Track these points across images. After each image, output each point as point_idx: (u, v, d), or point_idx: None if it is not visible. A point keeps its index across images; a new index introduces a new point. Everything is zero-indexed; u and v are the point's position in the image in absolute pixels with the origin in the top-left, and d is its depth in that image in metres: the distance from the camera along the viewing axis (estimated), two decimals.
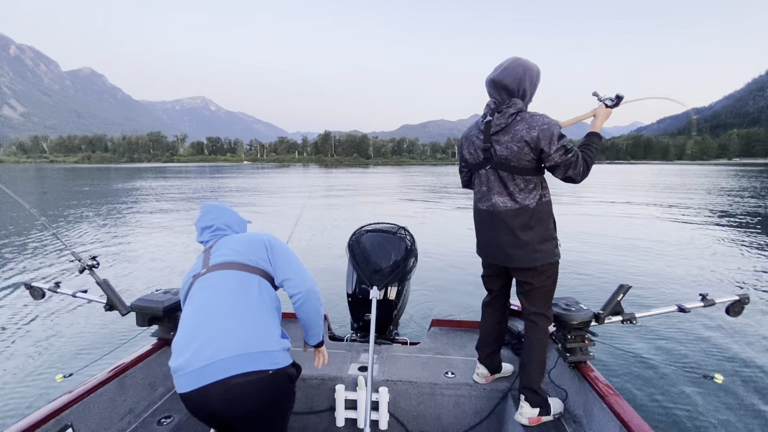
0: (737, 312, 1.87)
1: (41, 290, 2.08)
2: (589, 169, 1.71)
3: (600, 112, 1.80)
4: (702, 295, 1.85)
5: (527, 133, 1.65)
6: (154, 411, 1.91)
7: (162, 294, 2.13)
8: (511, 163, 1.72)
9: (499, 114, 1.73)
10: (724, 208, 14.60)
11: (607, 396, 1.59)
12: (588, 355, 1.85)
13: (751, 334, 4.06)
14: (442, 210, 14.78)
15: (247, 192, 22.37)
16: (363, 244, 2.54)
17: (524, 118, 1.68)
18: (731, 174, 45.57)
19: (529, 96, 1.76)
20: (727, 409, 2.91)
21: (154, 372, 2.04)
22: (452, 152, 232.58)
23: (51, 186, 28.79)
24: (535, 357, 1.80)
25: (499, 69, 1.75)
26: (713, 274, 6.21)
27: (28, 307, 4.78)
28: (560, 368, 2.03)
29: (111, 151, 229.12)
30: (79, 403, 1.62)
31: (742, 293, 1.86)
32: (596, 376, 1.76)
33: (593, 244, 8.25)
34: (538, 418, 1.77)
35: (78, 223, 11.39)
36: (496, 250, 1.84)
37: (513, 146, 1.69)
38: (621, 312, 1.80)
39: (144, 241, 8.89)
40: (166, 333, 2.12)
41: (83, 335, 4.07)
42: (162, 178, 40.69)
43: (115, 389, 1.80)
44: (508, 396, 2.03)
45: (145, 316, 2.03)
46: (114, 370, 1.83)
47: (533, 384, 1.79)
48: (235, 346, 1.26)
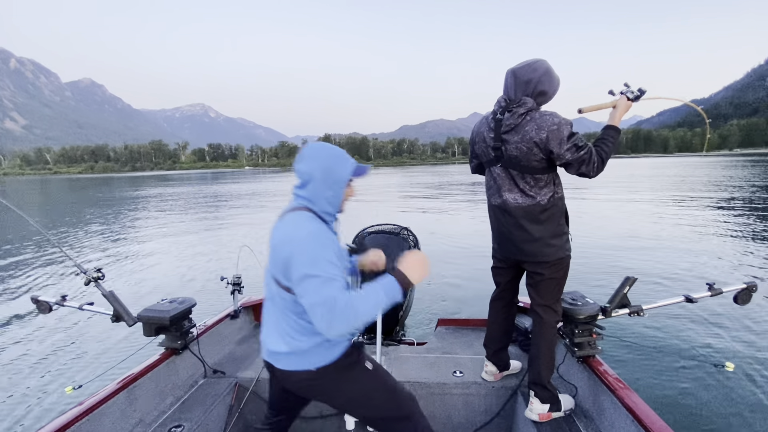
0: (745, 300, 1.86)
1: (48, 304, 2.08)
2: (604, 164, 1.67)
3: (621, 104, 1.74)
4: (709, 284, 1.83)
5: (536, 134, 1.63)
6: (164, 420, 1.91)
7: (168, 303, 2.12)
8: (521, 163, 1.71)
9: (510, 113, 1.70)
10: (727, 197, 14.56)
11: (617, 390, 1.58)
12: (596, 349, 1.84)
13: (760, 321, 4.03)
14: (444, 209, 14.81)
15: (253, 196, 22.54)
16: (366, 245, 2.54)
17: (534, 118, 1.65)
18: (732, 165, 45.34)
19: (545, 100, 1.73)
20: (739, 398, 2.88)
21: (163, 382, 2.04)
22: (452, 151, 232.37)
23: (57, 197, 28.97)
24: (543, 353, 1.79)
25: (523, 63, 1.73)
26: (720, 263, 6.16)
27: (36, 321, 4.83)
28: (569, 363, 2.02)
29: (114, 161, 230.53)
30: (90, 415, 1.61)
31: (750, 281, 1.84)
32: (605, 370, 1.74)
33: (597, 237, 8.20)
34: (549, 414, 1.76)
35: (83, 232, 11.45)
36: (508, 244, 1.85)
37: (522, 147, 1.67)
38: (628, 304, 1.79)
39: (149, 249, 8.91)
40: (173, 342, 2.12)
41: (91, 347, 4.10)
42: (165, 185, 40.84)
43: (124, 400, 1.80)
44: (518, 393, 2.02)
45: (152, 326, 2.03)
46: (123, 381, 1.83)
47: (542, 380, 1.77)
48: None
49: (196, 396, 2.10)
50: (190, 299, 2.21)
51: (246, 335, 2.84)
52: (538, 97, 1.71)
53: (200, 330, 2.36)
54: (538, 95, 1.70)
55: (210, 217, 14.46)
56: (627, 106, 1.74)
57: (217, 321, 2.60)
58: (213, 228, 11.75)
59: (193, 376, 2.23)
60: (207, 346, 2.38)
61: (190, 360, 2.23)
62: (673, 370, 3.25)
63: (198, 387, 2.18)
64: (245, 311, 2.95)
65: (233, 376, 2.26)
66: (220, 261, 7.59)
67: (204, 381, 2.23)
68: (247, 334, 2.86)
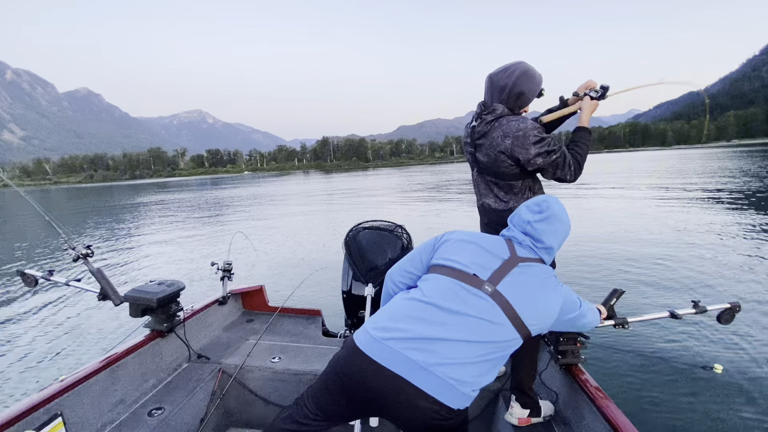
0: (728, 320, 1.87)
1: (34, 278, 2.06)
2: (581, 168, 1.67)
3: (585, 105, 1.75)
4: (694, 301, 1.86)
5: (501, 141, 1.63)
6: (144, 402, 1.91)
7: (156, 285, 2.13)
8: (491, 170, 1.72)
9: (480, 120, 1.72)
10: (724, 193, 14.61)
11: (597, 399, 1.59)
12: (579, 358, 1.85)
13: (750, 324, 3.99)
14: (441, 208, 14.87)
15: (253, 199, 22.57)
16: (359, 241, 2.55)
17: (501, 124, 1.65)
18: (730, 156, 45.32)
19: (526, 101, 1.72)
20: (727, 401, 2.87)
21: (147, 363, 2.04)
22: (450, 150, 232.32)
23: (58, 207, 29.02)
24: (526, 359, 1.80)
25: (500, 68, 1.73)
26: (709, 272, 5.75)
27: (23, 297, 4.83)
28: (551, 370, 2.03)
29: (113, 169, 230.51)
30: (70, 392, 1.60)
31: (734, 301, 1.86)
32: (587, 378, 1.76)
33: (585, 244, 7.71)
34: (528, 419, 1.78)
35: (83, 232, 11.55)
36: None
37: (490, 153, 1.68)
38: (614, 316, 1.80)
39: (145, 239, 8.95)
40: (159, 324, 2.13)
41: (76, 325, 4.07)
42: (165, 192, 40.89)
43: (106, 379, 1.80)
44: (499, 396, 2.03)
45: (138, 307, 2.03)
46: (106, 360, 1.83)
47: (524, 385, 1.79)
48: None
49: (179, 380, 2.10)
50: (179, 282, 2.22)
51: (233, 322, 2.86)
52: (517, 100, 1.69)
53: (187, 314, 2.39)
54: (517, 98, 1.69)
55: (215, 221, 14.51)
56: (593, 106, 1.74)
57: (205, 306, 2.62)
58: (213, 224, 11.80)
59: (177, 359, 2.25)
60: (193, 331, 2.41)
61: (175, 343, 2.25)
62: (658, 377, 3.26)
63: (181, 371, 2.20)
64: (234, 298, 2.97)
65: (217, 362, 2.28)
66: (215, 247, 7.63)
67: (188, 365, 2.25)
68: (234, 320, 2.89)
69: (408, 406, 1.12)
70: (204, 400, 2.07)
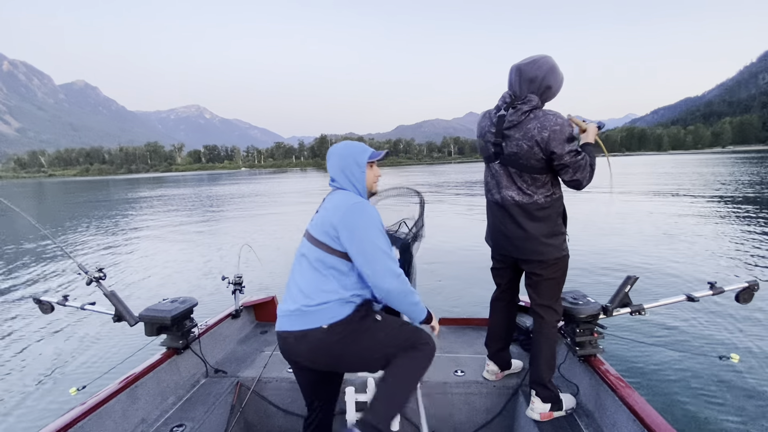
0: (747, 299, 1.85)
1: (50, 304, 2.08)
2: (593, 175, 1.70)
3: (591, 129, 1.82)
4: (710, 283, 1.83)
5: (538, 132, 1.62)
6: (166, 420, 1.91)
7: (169, 303, 2.12)
8: (520, 161, 1.70)
9: (514, 110, 1.69)
10: (725, 194, 14.69)
11: (618, 389, 1.58)
12: (598, 348, 1.83)
13: (766, 311, 4.03)
14: (441, 208, 14.84)
15: (253, 197, 22.48)
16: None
17: (537, 116, 1.65)
18: (726, 162, 45.68)
19: (551, 96, 1.74)
20: (745, 390, 2.86)
21: (165, 381, 2.05)
22: (448, 150, 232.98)
23: (53, 201, 28.76)
24: (544, 352, 1.79)
25: (528, 59, 1.72)
26: (722, 260, 6.16)
27: (38, 321, 4.82)
28: (570, 362, 2.02)
29: (109, 163, 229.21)
30: (92, 414, 1.62)
31: (752, 279, 1.82)
32: (607, 369, 1.74)
33: (597, 236, 8.21)
34: (550, 413, 1.76)
35: (83, 234, 11.41)
36: (504, 241, 1.85)
37: (523, 144, 1.66)
38: (629, 304, 1.78)
39: (149, 249, 8.89)
40: (174, 342, 2.12)
41: (93, 347, 4.10)
42: (162, 187, 40.64)
43: (126, 399, 1.81)
44: (519, 392, 2.02)
45: (153, 326, 2.03)
46: (125, 380, 1.83)
47: (543, 379, 1.77)
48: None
49: (198, 395, 2.10)
50: (191, 299, 2.21)
51: (247, 335, 2.84)
52: (544, 93, 1.70)
53: (201, 330, 2.36)
54: (545, 91, 1.70)
55: (211, 219, 14.42)
56: (595, 132, 1.84)
57: (219, 320, 2.60)
58: (214, 229, 11.72)
59: (194, 375, 2.23)
60: (208, 346, 2.39)
61: (192, 359, 2.23)
62: (676, 366, 3.26)
63: (200, 386, 2.18)
64: (246, 311, 2.94)
65: (234, 376, 2.26)
66: (222, 260, 7.58)
67: (206, 380, 2.24)
68: (248, 333, 2.87)
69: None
70: (224, 414, 2.07)
